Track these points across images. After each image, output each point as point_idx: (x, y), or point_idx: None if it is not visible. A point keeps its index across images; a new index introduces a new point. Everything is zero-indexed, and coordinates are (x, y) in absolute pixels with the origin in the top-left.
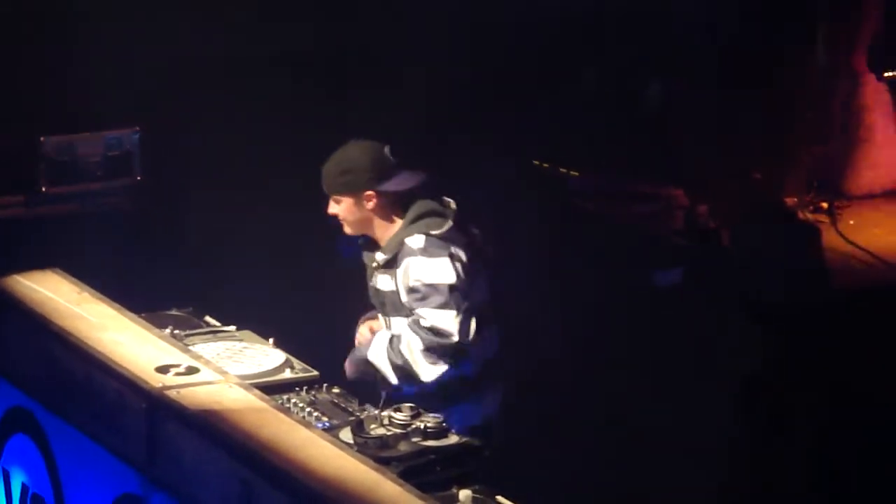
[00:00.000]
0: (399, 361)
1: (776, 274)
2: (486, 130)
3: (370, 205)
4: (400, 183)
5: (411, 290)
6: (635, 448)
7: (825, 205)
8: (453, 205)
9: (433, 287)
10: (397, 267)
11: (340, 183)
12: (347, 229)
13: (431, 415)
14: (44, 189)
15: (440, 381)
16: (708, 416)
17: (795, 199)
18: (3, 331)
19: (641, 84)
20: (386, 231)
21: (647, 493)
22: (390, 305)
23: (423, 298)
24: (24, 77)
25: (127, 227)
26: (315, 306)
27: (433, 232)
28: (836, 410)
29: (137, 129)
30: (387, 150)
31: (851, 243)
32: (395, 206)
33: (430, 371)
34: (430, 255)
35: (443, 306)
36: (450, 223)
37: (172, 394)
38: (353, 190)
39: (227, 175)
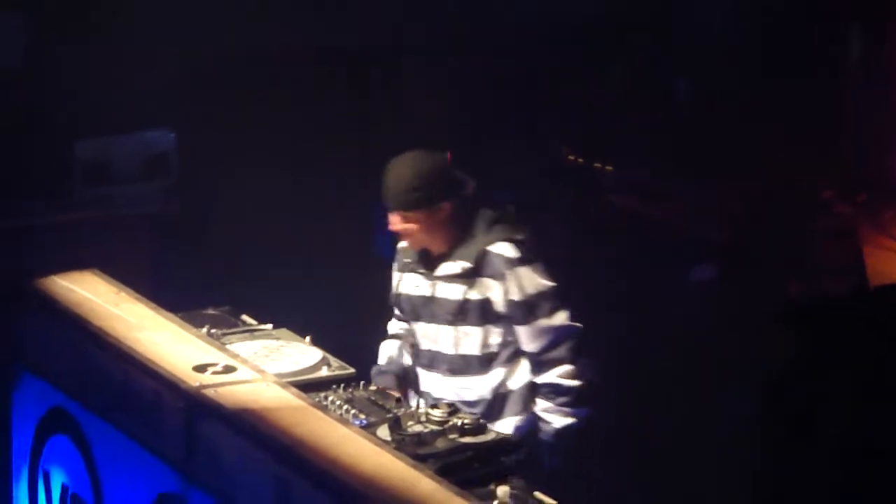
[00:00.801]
0: (573, 397)
1: (810, 271)
2: (517, 127)
3: (441, 216)
4: (466, 191)
5: (521, 304)
6: (663, 445)
7: (862, 198)
8: (511, 207)
9: (542, 295)
10: (480, 276)
11: (414, 199)
12: (412, 243)
13: (468, 411)
14: (80, 192)
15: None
16: (736, 414)
17: (832, 193)
18: (42, 332)
19: (674, 80)
20: (454, 241)
21: (675, 490)
22: (454, 314)
23: (535, 307)
24: (59, 78)
25: (164, 228)
26: (350, 304)
27: (517, 237)
28: (866, 410)
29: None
30: (448, 157)
31: (890, 237)
32: (460, 214)
33: (581, 371)
34: (529, 263)
35: (555, 309)
36: (525, 227)
37: (210, 393)
38: (428, 204)
39: (263, 175)
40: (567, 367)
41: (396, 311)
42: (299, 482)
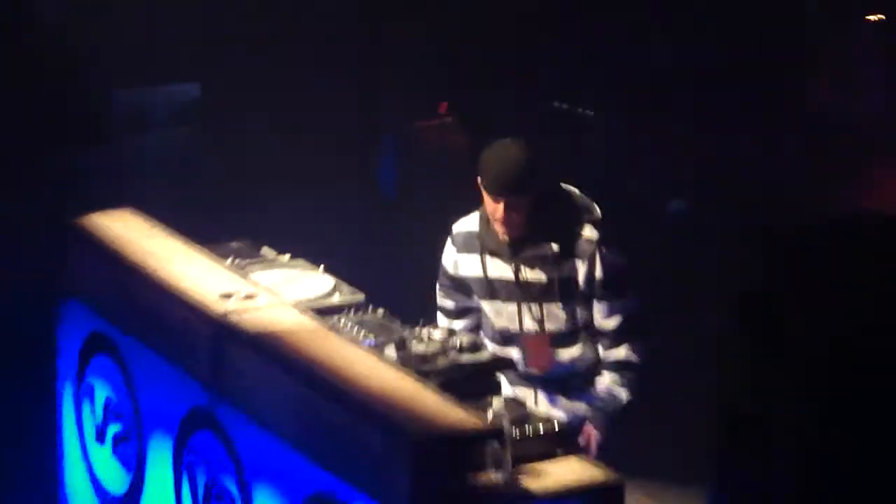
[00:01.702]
0: (638, 374)
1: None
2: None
3: (534, 200)
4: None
5: (603, 282)
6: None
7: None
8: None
9: (621, 273)
10: (565, 257)
11: (533, 183)
12: (513, 230)
13: (467, 335)
14: (118, 137)
15: None
16: (708, 331)
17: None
18: (84, 264)
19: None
20: (538, 223)
21: (650, 405)
22: (540, 294)
23: (615, 285)
24: (98, 35)
25: (191, 169)
26: (359, 237)
27: (596, 218)
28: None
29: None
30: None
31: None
32: (540, 198)
33: (645, 349)
34: (609, 244)
35: (629, 287)
36: (597, 206)
37: (234, 318)
38: (538, 187)
39: (277, 122)
40: (636, 345)
41: (446, 302)
42: (316, 396)
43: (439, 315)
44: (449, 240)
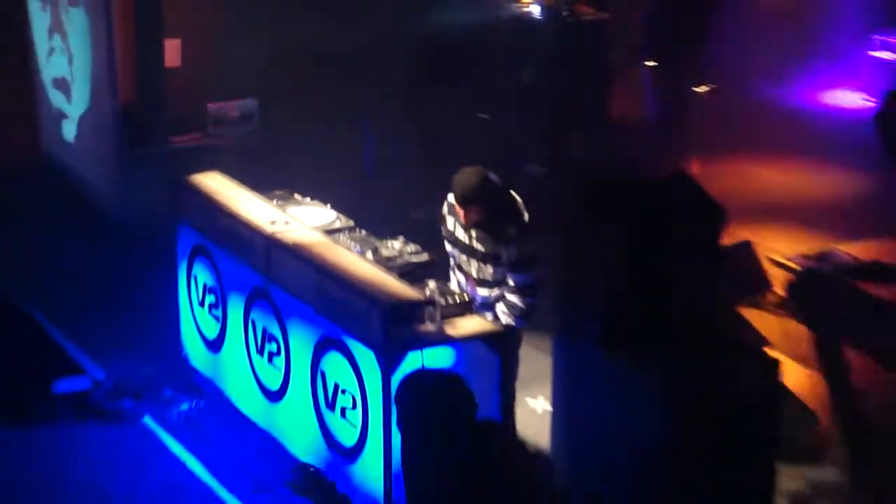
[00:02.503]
0: (525, 300)
1: None
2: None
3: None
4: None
5: (515, 262)
6: None
7: None
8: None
9: (524, 255)
10: (496, 242)
11: (480, 197)
12: (469, 221)
13: (413, 245)
14: (209, 130)
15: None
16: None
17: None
18: (191, 202)
19: None
20: (485, 217)
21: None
22: (478, 257)
23: (520, 262)
24: (194, 68)
25: (251, 152)
26: (354, 188)
27: (521, 220)
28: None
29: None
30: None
31: None
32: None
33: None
34: (520, 237)
35: (527, 264)
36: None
37: (278, 234)
38: (486, 200)
39: (305, 122)
40: (526, 299)
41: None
42: (326, 278)
43: (445, 242)
44: (444, 205)
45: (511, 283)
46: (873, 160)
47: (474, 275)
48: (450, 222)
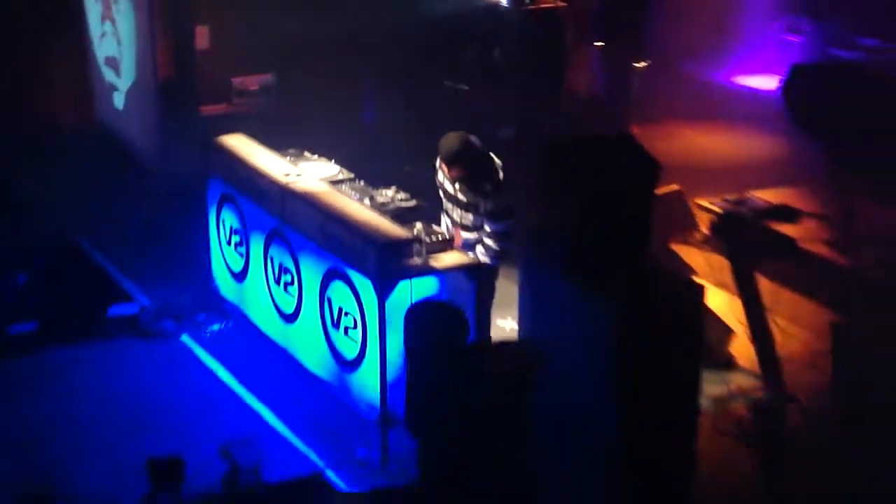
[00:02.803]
0: (501, 241)
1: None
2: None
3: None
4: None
5: (492, 211)
6: None
7: None
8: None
9: (502, 207)
10: (476, 193)
11: (462, 158)
12: (453, 177)
13: (403, 193)
14: (233, 100)
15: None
16: None
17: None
18: (219, 159)
19: None
20: (468, 174)
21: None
22: (462, 206)
23: (498, 213)
24: (220, 49)
25: (269, 118)
26: (356, 144)
27: (496, 178)
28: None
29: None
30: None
31: None
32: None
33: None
34: (498, 190)
35: (504, 215)
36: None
37: (291, 185)
38: (467, 160)
39: (313, 91)
40: (502, 243)
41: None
42: (331, 220)
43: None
44: (438, 160)
45: (488, 229)
46: (782, 125)
47: (458, 220)
48: (440, 175)
